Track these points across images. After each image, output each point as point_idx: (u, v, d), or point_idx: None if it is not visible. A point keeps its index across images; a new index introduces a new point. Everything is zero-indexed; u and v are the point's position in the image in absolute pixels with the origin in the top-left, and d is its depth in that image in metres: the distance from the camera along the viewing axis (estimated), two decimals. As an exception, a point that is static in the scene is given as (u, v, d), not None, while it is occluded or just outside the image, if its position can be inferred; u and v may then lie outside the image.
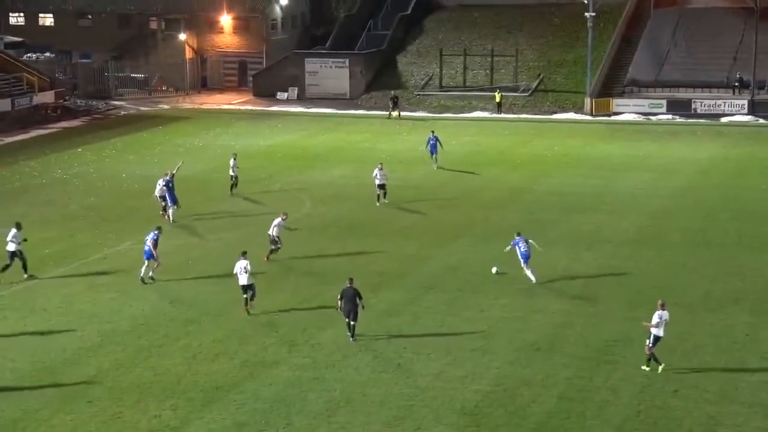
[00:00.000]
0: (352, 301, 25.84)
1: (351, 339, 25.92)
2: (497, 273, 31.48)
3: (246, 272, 27.86)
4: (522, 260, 30.80)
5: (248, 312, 27.99)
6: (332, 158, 52.53)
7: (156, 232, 31.39)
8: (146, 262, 31.27)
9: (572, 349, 25.41)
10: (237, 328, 27.09)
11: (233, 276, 28.27)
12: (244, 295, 28.14)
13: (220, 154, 52.59)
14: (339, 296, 26.25)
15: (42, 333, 26.95)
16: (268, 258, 32.68)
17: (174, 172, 38.71)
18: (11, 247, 30.56)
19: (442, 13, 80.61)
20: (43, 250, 34.38)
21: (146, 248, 31.04)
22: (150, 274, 30.97)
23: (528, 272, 30.76)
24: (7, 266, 30.59)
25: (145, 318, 28.05)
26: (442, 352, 25.22)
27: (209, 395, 22.86)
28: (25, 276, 30.75)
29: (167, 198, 38.51)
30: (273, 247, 32.96)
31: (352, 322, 25.97)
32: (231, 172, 43.60)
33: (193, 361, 24.76)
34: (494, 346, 25.52)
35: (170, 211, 38.33)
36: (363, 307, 26.14)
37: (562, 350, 25.36)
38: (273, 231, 33.12)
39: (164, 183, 38.27)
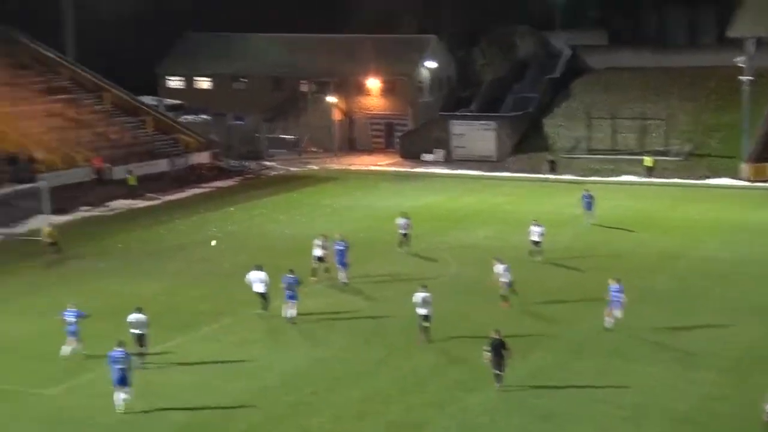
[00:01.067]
0: (498, 351, 26.30)
1: (497, 385, 26.26)
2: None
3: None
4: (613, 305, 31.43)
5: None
6: (477, 220, 52.44)
7: (292, 276, 33.54)
8: (287, 302, 33.48)
9: (727, 424, 24.42)
10: (383, 387, 27.13)
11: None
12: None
13: (366, 215, 53.53)
14: (487, 348, 26.51)
15: (196, 386, 27.69)
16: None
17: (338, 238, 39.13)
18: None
19: (590, 76, 79.99)
20: (198, 306, 35.47)
21: (288, 293, 33.48)
22: (291, 314, 33.06)
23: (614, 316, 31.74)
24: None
25: (294, 375, 28.47)
26: (591, 421, 24.60)
27: (356, 455, 23.00)
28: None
29: (339, 260, 39.00)
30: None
31: (499, 372, 26.36)
32: (401, 230, 44.50)
33: (340, 421, 24.90)
34: (646, 417, 24.76)
35: (343, 273, 38.86)
36: (509, 357, 26.36)
37: (716, 425, 24.41)
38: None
39: (343, 247, 38.66)
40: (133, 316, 29.75)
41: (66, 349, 29.68)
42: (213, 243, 44.74)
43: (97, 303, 35.53)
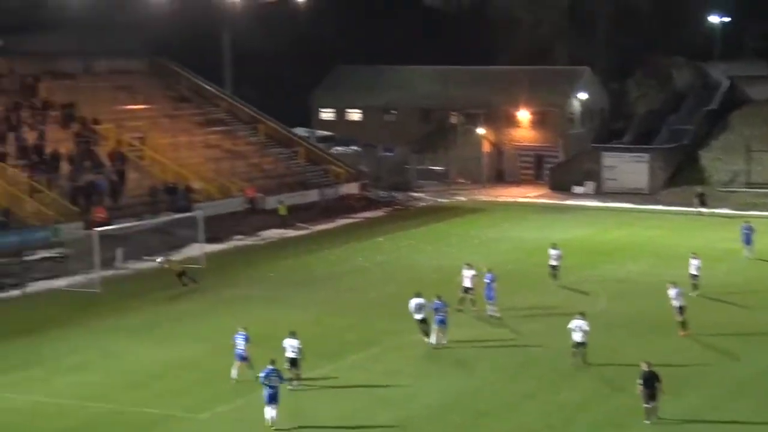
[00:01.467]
0: (651, 384, 25.81)
1: (647, 421, 25.73)
2: None
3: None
4: None
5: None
6: (627, 253, 51.25)
7: (440, 302, 34.05)
8: (437, 327, 33.90)
9: None
10: (529, 422, 26.69)
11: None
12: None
13: (514, 247, 53.21)
14: (639, 380, 26.06)
15: (342, 414, 27.83)
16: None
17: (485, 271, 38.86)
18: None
19: (750, 108, 77.58)
20: (345, 336, 35.79)
21: (438, 317, 34.06)
22: (438, 340, 33.59)
23: None
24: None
25: (439, 406, 28.30)
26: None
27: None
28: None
29: (487, 294, 38.70)
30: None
31: (649, 406, 25.83)
32: (552, 262, 44.14)
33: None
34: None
35: (492, 307, 38.58)
36: (662, 390, 25.80)
37: None
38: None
39: (490, 279, 38.40)
40: (288, 341, 30.41)
41: (234, 372, 30.50)
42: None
43: (248, 329, 36.43)
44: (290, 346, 30.29)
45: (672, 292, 34.81)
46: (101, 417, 27.74)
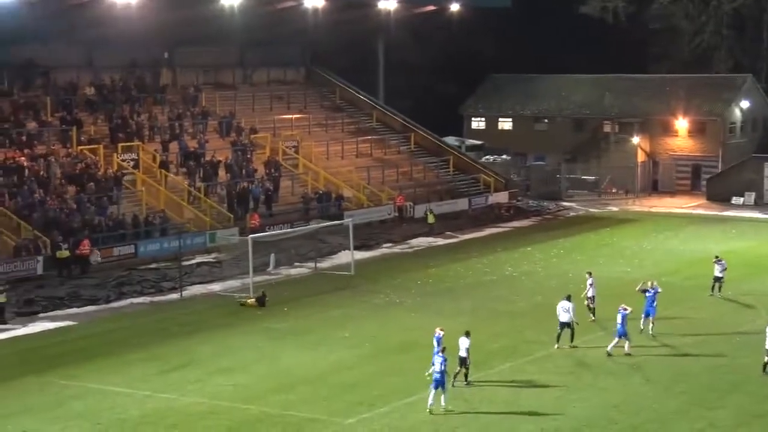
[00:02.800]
0: None
1: None
2: None
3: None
4: None
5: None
6: (791, 267, 49.41)
7: (625, 311, 33.60)
8: (616, 339, 33.64)
9: None
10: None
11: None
12: None
13: (668, 259, 52.07)
14: None
15: (485, 426, 27.77)
16: None
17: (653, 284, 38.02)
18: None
19: None
20: (491, 345, 35.58)
21: (619, 327, 33.53)
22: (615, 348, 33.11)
23: None
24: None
25: (587, 419, 27.75)
26: None
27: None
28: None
29: (648, 309, 37.79)
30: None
31: None
32: (717, 274, 43.19)
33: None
34: None
35: (650, 325, 37.89)
36: None
37: None
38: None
39: (653, 293, 37.65)
40: (462, 340, 30.80)
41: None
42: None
43: (394, 337, 36.95)
44: (463, 345, 30.69)
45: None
46: (250, 418, 28.48)
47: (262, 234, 51.38)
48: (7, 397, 30.67)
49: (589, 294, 39.04)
